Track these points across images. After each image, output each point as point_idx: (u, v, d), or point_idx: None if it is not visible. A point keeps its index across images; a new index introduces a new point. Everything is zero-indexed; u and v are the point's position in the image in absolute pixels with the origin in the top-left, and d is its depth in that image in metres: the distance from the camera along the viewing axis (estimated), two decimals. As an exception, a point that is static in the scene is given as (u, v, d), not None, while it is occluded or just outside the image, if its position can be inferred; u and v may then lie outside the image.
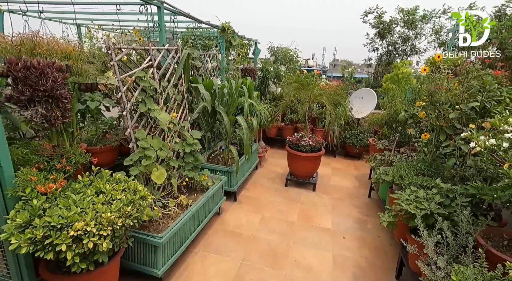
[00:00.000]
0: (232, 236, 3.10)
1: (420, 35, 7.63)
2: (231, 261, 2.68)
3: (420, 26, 7.44)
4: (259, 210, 3.69)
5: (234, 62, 5.44)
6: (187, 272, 2.51)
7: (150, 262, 2.20)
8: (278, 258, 2.77)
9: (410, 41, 7.94)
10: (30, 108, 1.61)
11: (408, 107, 3.06)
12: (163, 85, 2.62)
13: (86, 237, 1.47)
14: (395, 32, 7.83)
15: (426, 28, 7.50)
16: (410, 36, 7.74)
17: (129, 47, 2.25)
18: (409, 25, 7.31)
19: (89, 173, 1.94)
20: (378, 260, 2.81)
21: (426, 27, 7.48)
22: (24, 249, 1.37)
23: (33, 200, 1.54)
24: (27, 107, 1.61)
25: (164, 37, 2.92)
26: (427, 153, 2.63)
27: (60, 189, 1.73)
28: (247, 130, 3.47)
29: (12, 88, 1.60)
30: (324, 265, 2.72)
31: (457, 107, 2.29)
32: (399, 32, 7.71)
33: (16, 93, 1.57)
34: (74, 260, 1.48)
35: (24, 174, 1.63)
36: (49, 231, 1.43)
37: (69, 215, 1.50)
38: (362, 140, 5.61)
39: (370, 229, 3.38)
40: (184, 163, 2.88)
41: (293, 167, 4.43)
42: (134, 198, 1.82)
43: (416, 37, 7.59)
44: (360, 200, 4.12)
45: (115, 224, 1.59)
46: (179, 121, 2.80)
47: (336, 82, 7.57)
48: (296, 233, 3.22)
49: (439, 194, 2.02)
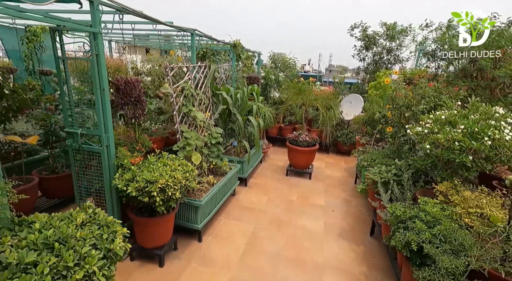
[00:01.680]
0: (246, 209, 3.97)
1: (401, 46, 8.66)
2: (247, 225, 3.56)
3: (400, 39, 8.46)
4: (265, 192, 4.57)
5: (241, 72, 6.35)
6: (216, 230, 3.38)
7: (192, 219, 3.07)
8: (282, 224, 3.66)
9: (393, 52, 8.97)
10: (124, 109, 2.50)
11: (382, 110, 3.99)
12: (197, 92, 3.52)
13: (167, 188, 2.34)
14: (379, 44, 8.85)
15: (406, 40, 8.53)
16: (393, 47, 8.76)
17: (177, 66, 3.15)
18: (390, 39, 8.33)
19: (153, 153, 2.82)
20: (358, 225, 3.70)
21: (406, 39, 8.51)
22: (133, 193, 2.24)
23: (132, 167, 2.41)
24: (122, 109, 2.50)
25: (194, 57, 3.83)
26: (392, 142, 3.55)
27: (140, 162, 2.60)
28: (257, 128, 4.37)
29: (115, 96, 2.49)
30: (317, 228, 3.61)
31: (411, 109, 3.22)
32: (383, 45, 8.73)
33: (118, 99, 2.46)
34: (160, 203, 2.36)
35: (122, 152, 2.50)
36: (145, 183, 2.30)
37: (154, 175, 2.38)
38: (351, 139, 6.55)
39: (354, 205, 4.28)
40: (210, 151, 3.76)
41: (292, 159, 5.34)
42: (187, 169, 2.70)
43: (398, 48, 8.61)
44: (348, 186, 5.03)
45: (181, 183, 2.47)
46: (207, 120, 3.70)
47: (329, 88, 8.54)
48: (295, 208, 4.11)
49: (395, 168, 2.94)
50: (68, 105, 2.42)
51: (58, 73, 2.34)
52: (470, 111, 2.43)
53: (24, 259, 1.29)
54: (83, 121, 2.52)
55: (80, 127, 2.44)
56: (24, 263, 1.28)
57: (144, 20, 2.94)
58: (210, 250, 3.04)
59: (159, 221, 2.56)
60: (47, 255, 1.37)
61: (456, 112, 2.40)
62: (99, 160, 2.48)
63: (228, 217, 3.74)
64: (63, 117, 2.46)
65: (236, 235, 3.33)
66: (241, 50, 5.55)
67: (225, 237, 3.29)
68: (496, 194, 2.08)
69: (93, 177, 2.57)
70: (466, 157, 2.05)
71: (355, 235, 3.48)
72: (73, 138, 2.46)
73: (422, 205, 2.06)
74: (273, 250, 3.10)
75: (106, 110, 2.32)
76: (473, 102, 2.47)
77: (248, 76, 6.52)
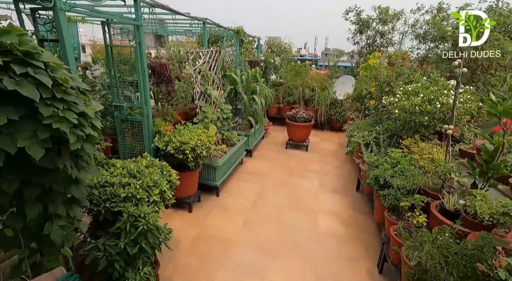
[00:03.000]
0: (253, 174, 4.70)
1: (393, 30, 9.18)
2: (255, 185, 4.30)
3: (393, 22, 8.97)
4: (268, 161, 5.30)
5: (244, 56, 6.90)
6: (230, 188, 4.13)
7: (212, 177, 3.78)
8: (284, 183, 4.40)
9: (386, 35, 9.48)
10: (159, 86, 3.13)
11: (367, 87, 4.65)
12: (210, 74, 4.13)
13: (197, 148, 3.03)
14: (373, 28, 9.35)
15: (398, 24, 9.04)
16: (385, 31, 9.27)
17: (195, 51, 3.74)
18: (382, 22, 8.83)
19: (179, 124, 3.48)
20: (347, 184, 4.46)
21: (398, 23, 9.02)
22: (172, 151, 2.92)
23: (167, 132, 3.08)
24: (158, 86, 3.13)
25: (206, 43, 4.40)
26: (375, 113, 4.24)
27: (171, 130, 3.27)
28: (261, 105, 5.02)
29: (151, 76, 3.11)
30: (313, 187, 4.36)
31: (391, 85, 3.89)
32: (376, 29, 9.24)
33: (154, 78, 3.08)
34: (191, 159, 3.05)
35: (158, 121, 3.16)
36: (180, 144, 2.98)
37: (185, 138, 3.05)
38: (343, 117, 7.24)
39: (345, 170, 5.03)
40: (222, 125, 4.43)
41: (291, 134, 6.03)
42: (208, 135, 3.38)
43: (390, 32, 9.14)
44: (340, 156, 5.77)
45: (205, 145, 3.15)
46: (220, 97, 4.34)
47: (324, 71, 9.12)
48: (295, 172, 4.85)
49: (375, 133, 3.65)
50: (115, 84, 3.04)
51: (107, 58, 2.94)
52: (432, 84, 3.11)
53: (122, 181, 1.98)
54: (127, 97, 3.15)
55: (125, 101, 3.08)
56: (123, 182, 1.97)
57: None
58: (226, 202, 3.78)
59: (189, 175, 3.27)
60: (132, 180, 2.06)
61: (421, 85, 3.08)
62: (140, 128, 3.14)
63: (238, 179, 4.47)
64: (111, 94, 3.09)
65: (246, 192, 4.08)
66: (244, 35, 6.08)
67: (238, 193, 4.03)
68: (443, 144, 2.80)
69: (135, 141, 3.24)
70: (423, 117, 2.75)
71: (344, 190, 4.24)
72: (119, 110, 3.11)
73: (390, 153, 2.78)
74: (277, 201, 3.85)
75: (146, 88, 2.95)
76: (434, 77, 3.14)
77: (250, 60, 7.08)
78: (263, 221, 3.39)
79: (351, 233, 3.20)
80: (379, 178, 2.56)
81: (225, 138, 4.65)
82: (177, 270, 2.55)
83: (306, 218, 3.48)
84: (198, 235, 3.06)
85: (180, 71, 4.07)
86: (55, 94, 1.13)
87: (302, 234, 3.17)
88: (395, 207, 2.44)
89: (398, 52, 4.63)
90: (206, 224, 3.27)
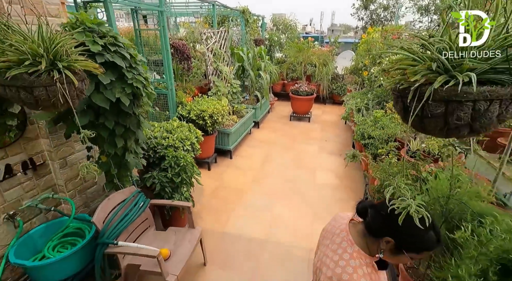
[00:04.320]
0: (261, 142, 5.34)
1: (397, 3, 9.28)
2: (262, 150, 4.95)
3: (396, -4, 9.07)
4: (274, 131, 5.91)
5: (249, 35, 7.30)
6: (241, 153, 4.79)
7: (226, 142, 4.43)
8: (288, 148, 5.04)
9: (390, 9, 9.59)
10: (182, 63, 3.70)
11: (363, 59, 5.09)
12: (221, 52, 4.65)
13: (214, 115, 3.65)
14: (376, 2, 9.46)
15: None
16: (389, 4, 9.39)
17: (208, 31, 4.25)
18: (386, -5, 8.96)
19: (197, 96, 4.07)
20: (344, 147, 5.06)
21: (402, -4, 9.11)
22: (194, 117, 3.55)
23: (188, 103, 3.70)
24: (181, 63, 3.70)
25: (216, 23, 4.87)
26: (368, 84, 4.73)
27: (191, 101, 3.88)
28: (266, 80, 5.55)
29: (173, 54, 3.67)
30: (314, 150, 4.98)
31: (382, 56, 4.35)
32: (379, 2, 9.36)
33: (176, 56, 3.65)
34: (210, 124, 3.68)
35: (180, 93, 3.77)
36: (200, 112, 3.60)
37: (204, 107, 3.66)
38: (344, 90, 7.68)
39: (343, 137, 5.61)
40: (232, 98, 5.01)
41: (294, 107, 6.58)
42: (222, 104, 3.98)
43: (394, 6, 9.26)
44: (339, 126, 6.33)
45: (220, 112, 3.76)
46: (229, 73, 4.88)
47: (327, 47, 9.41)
48: (298, 139, 5.47)
49: (366, 100, 4.18)
50: (143, 62, 3.62)
51: (136, 40, 3.50)
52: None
53: (163, 134, 2.63)
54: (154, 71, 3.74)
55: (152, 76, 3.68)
56: (163, 136, 2.63)
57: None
58: (239, 163, 4.46)
59: (208, 139, 3.91)
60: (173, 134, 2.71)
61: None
62: (166, 100, 3.76)
63: (248, 146, 5.13)
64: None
65: (255, 155, 4.74)
66: (249, 15, 6.47)
67: (248, 156, 4.70)
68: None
69: (160, 111, 3.87)
70: (403, 82, 3.26)
71: (341, 152, 4.86)
72: (148, 85, 3.71)
73: (374, 113, 3.34)
74: (282, 162, 4.51)
75: (169, 65, 3.52)
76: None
77: (255, 39, 7.48)
78: (270, 176, 4.06)
79: (343, 183, 3.86)
80: (364, 133, 3.15)
81: (235, 110, 5.25)
82: (204, 208, 3.27)
83: (306, 174, 4.14)
84: (217, 186, 3.77)
85: (194, 50, 4.59)
86: (131, 64, 1.74)
87: (303, 184, 3.85)
88: (376, 155, 3.05)
89: (393, 26, 4.99)
90: (223, 178, 3.97)
